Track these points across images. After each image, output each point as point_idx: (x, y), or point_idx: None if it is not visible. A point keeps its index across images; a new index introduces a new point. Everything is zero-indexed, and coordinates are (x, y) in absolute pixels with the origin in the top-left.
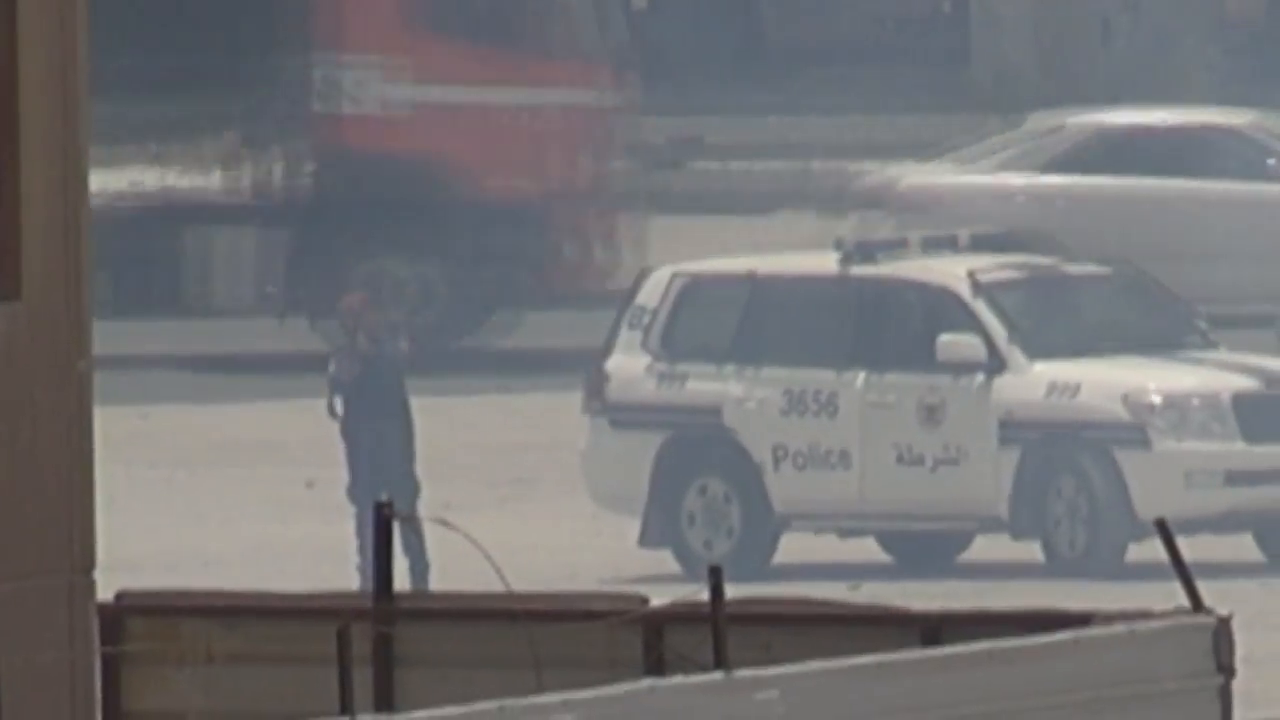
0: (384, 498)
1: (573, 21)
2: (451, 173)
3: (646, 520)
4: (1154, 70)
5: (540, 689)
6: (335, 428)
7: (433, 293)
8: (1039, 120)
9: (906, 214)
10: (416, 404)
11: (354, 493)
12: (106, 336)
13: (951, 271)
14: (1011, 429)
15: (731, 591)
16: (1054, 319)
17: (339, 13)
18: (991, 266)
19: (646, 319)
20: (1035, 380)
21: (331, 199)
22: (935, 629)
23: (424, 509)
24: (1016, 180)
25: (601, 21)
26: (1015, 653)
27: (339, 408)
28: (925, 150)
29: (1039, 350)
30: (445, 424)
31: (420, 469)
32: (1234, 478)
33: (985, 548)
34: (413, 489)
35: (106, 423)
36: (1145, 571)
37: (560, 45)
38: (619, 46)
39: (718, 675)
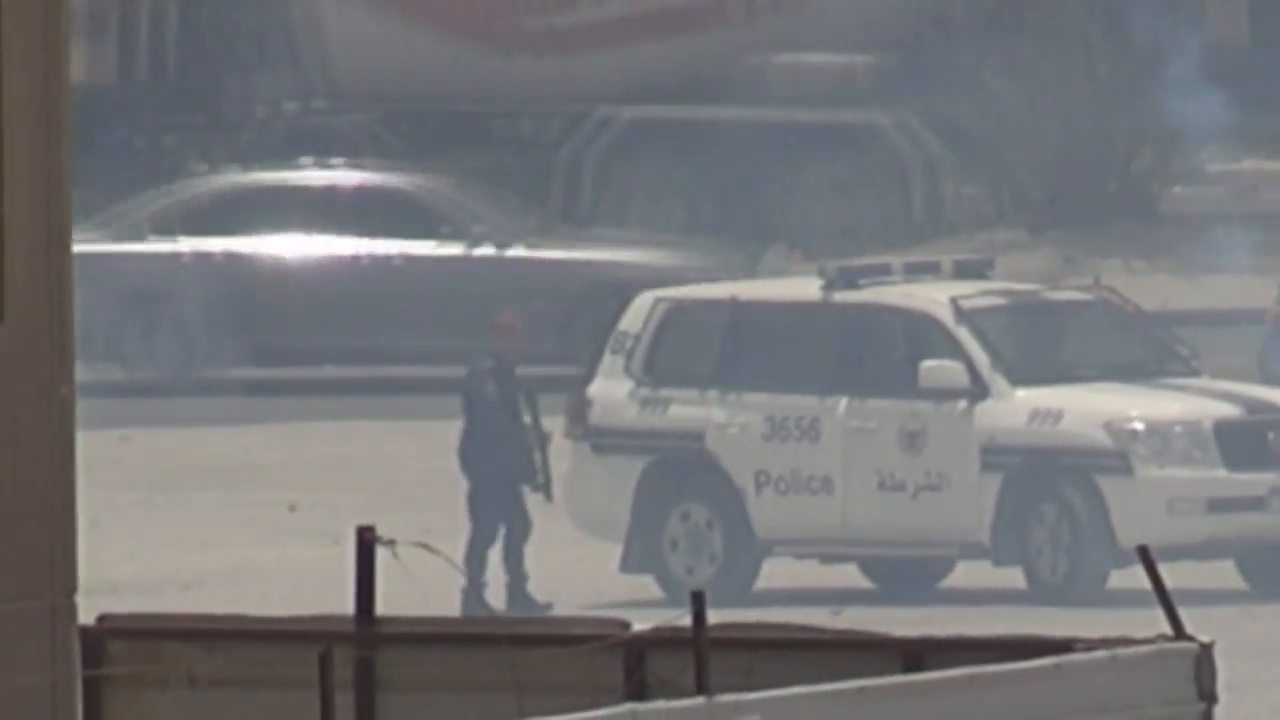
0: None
1: None
2: None
3: (628, 545)
4: (1137, 94)
5: (521, 714)
6: (316, 451)
7: None
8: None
9: None
10: (396, 428)
11: (473, 510)
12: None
13: (934, 298)
14: (993, 455)
15: (713, 617)
16: (1037, 345)
17: None
18: (974, 293)
19: (629, 344)
20: (1018, 407)
21: None
22: (916, 654)
23: (405, 534)
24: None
25: None
26: (996, 678)
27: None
28: None
29: (1021, 377)
30: (427, 449)
31: (402, 494)
32: (1216, 505)
33: (967, 574)
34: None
35: (88, 447)
36: (1127, 598)
37: None
38: None
39: (699, 700)
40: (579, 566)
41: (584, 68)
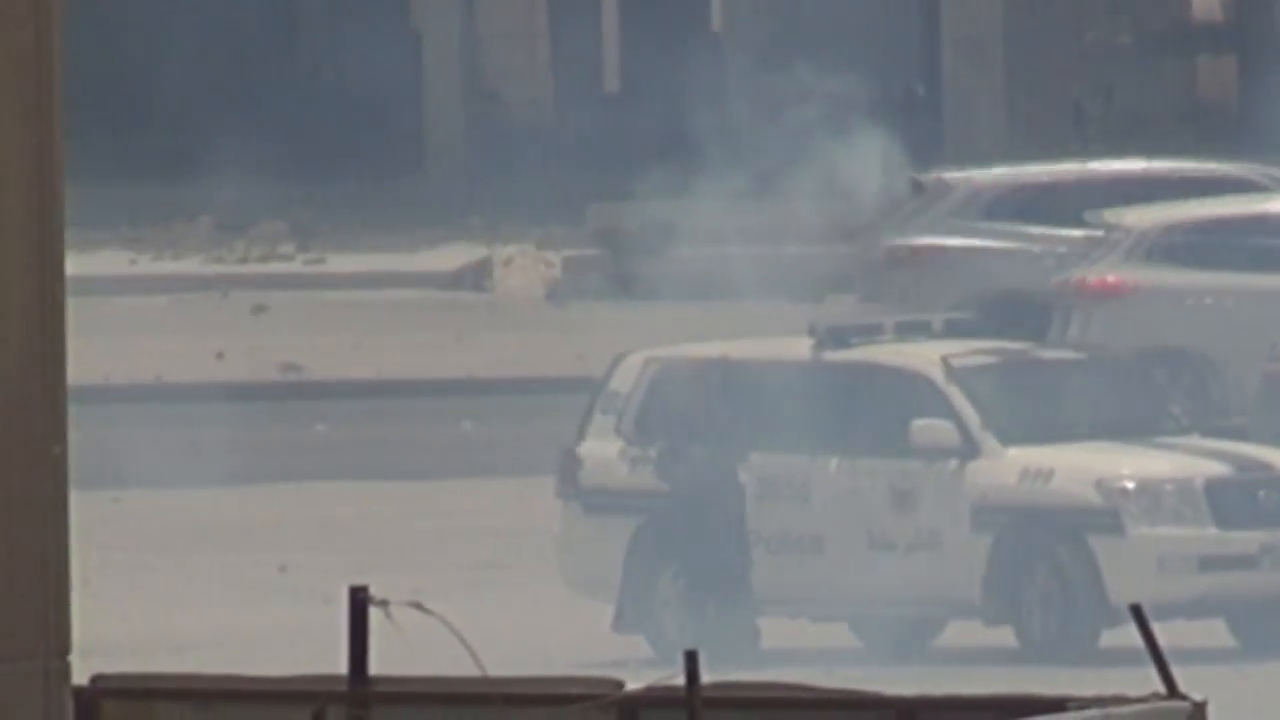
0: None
1: None
2: None
3: (620, 605)
4: (1127, 155)
5: None
6: (305, 511)
7: None
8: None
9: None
10: (386, 489)
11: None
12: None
13: (925, 356)
14: (984, 514)
15: (706, 676)
16: (1027, 404)
17: None
18: (965, 351)
19: (620, 404)
20: (1008, 465)
21: None
22: (910, 713)
23: (396, 594)
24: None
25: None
26: None
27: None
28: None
29: (1012, 435)
30: (418, 508)
31: (392, 555)
32: (1207, 563)
33: (958, 633)
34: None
35: (80, 507)
36: (1119, 657)
37: None
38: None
39: None
40: (570, 626)
41: None
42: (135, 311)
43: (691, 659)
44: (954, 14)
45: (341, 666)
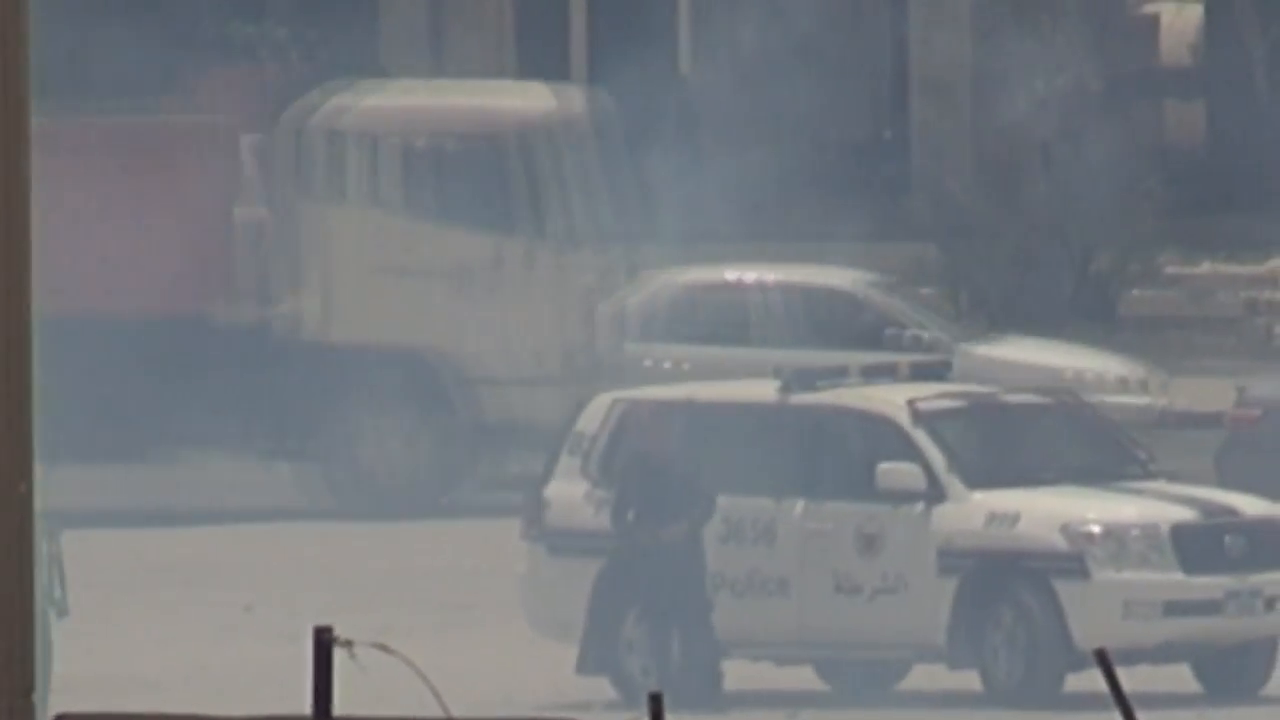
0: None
1: None
2: None
3: (585, 647)
4: (1095, 199)
5: None
6: (271, 550)
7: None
8: None
9: None
10: (352, 528)
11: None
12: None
13: (891, 400)
14: (950, 558)
15: (670, 718)
16: (994, 448)
17: None
18: (931, 395)
19: (586, 445)
20: (974, 509)
21: None
22: None
23: (361, 634)
24: None
25: None
26: None
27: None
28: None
29: (978, 479)
30: (383, 548)
31: (359, 594)
32: (1172, 609)
33: (923, 677)
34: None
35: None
36: (1083, 702)
37: None
38: None
39: None
40: (535, 668)
41: None
42: None
43: (656, 701)
44: (922, 57)
45: (306, 706)
